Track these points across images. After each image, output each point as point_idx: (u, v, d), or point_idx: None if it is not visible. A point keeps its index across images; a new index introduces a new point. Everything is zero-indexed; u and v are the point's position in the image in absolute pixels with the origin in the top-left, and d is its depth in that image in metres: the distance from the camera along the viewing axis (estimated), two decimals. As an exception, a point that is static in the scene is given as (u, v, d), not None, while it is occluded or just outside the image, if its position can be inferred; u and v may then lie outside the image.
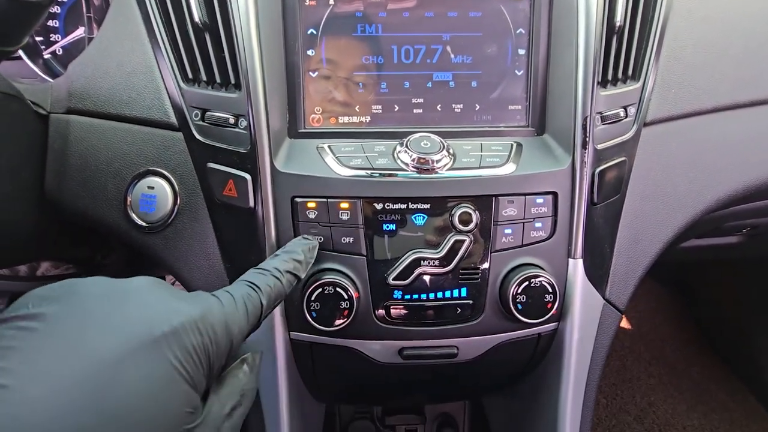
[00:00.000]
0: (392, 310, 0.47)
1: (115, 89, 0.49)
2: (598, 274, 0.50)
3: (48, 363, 0.24)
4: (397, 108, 0.51)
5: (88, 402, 0.24)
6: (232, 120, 0.46)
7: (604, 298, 0.51)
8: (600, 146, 0.48)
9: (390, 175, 0.46)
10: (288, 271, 0.38)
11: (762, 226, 0.79)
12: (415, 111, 0.51)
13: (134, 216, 0.49)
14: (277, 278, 0.37)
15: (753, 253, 1.01)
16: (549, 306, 0.46)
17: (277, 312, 0.47)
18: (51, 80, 0.62)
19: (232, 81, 0.46)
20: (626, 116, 0.50)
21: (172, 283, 1.31)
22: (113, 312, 0.27)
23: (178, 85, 0.48)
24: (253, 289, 0.34)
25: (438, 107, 0.51)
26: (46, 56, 0.64)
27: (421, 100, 0.51)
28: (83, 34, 0.64)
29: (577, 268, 0.48)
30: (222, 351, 0.30)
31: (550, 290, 0.46)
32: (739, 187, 0.56)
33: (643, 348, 1.35)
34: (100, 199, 0.49)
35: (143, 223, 0.49)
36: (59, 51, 0.65)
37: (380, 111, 0.51)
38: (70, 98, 0.50)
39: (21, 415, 0.23)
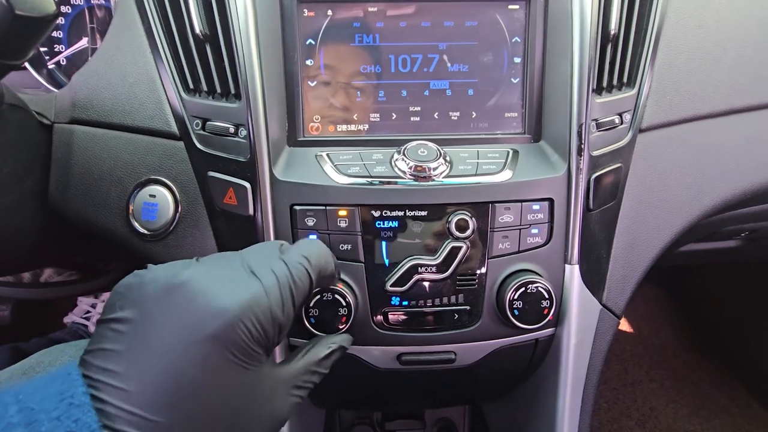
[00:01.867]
0: (390, 316, 0.48)
1: (117, 99, 0.50)
2: (594, 280, 0.51)
3: (136, 362, 0.29)
4: (394, 116, 0.52)
5: (170, 401, 0.28)
6: (232, 129, 0.47)
7: (601, 303, 0.51)
8: (595, 153, 0.49)
9: (387, 182, 0.46)
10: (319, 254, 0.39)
11: (761, 230, 0.79)
12: (412, 119, 0.52)
13: (136, 224, 0.49)
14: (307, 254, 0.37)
15: (753, 257, 1.01)
16: (546, 311, 0.46)
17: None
18: (55, 90, 0.63)
19: (232, 91, 0.47)
20: (621, 123, 0.51)
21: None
22: (171, 316, 0.31)
23: (180, 95, 0.48)
24: (301, 268, 0.35)
25: (435, 115, 0.52)
26: (50, 66, 0.66)
27: (419, 108, 0.51)
28: (86, 45, 0.65)
29: (573, 273, 0.49)
30: (271, 336, 0.33)
31: (547, 296, 0.46)
32: (735, 192, 0.56)
33: (644, 352, 1.34)
34: (103, 208, 0.50)
35: (145, 231, 0.49)
36: (63, 61, 0.66)
37: (378, 119, 0.51)
38: (73, 108, 0.51)
39: (133, 393, 0.28)
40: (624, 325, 1.41)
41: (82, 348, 0.60)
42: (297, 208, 0.46)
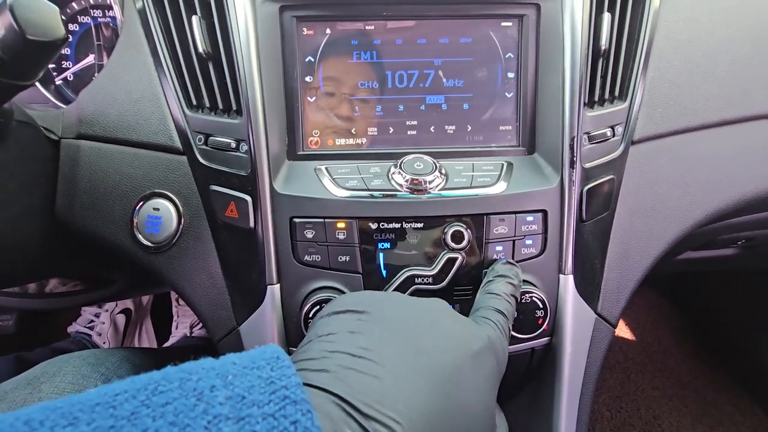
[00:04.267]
0: (388, 326, 0.48)
1: (123, 115, 0.51)
2: (589, 290, 0.51)
3: (395, 350, 0.28)
4: (392, 130, 0.53)
5: (439, 394, 0.27)
6: (233, 144, 0.48)
7: (595, 312, 0.52)
8: (588, 165, 0.50)
9: (385, 195, 0.47)
10: (512, 294, 0.42)
11: (757, 238, 0.79)
12: (409, 133, 0.53)
13: (140, 236, 0.51)
14: (509, 302, 0.41)
15: (749, 265, 1.01)
16: (540, 321, 0.47)
17: (276, 329, 0.49)
18: (62, 105, 0.64)
19: (234, 107, 0.48)
20: (614, 135, 0.52)
21: (176, 299, 1.32)
22: (435, 325, 0.31)
23: (183, 112, 0.50)
24: (503, 315, 0.39)
25: (431, 129, 0.53)
26: (58, 82, 0.67)
27: (415, 123, 0.53)
28: (93, 61, 0.67)
29: (567, 283, 0.49)
30: (501, 371, 0.35)
31: (541, 306, 0.47)
32: (728, 202, 0.57)
33: (647, 360, 1.34)
34: (108, 221, 0.52)
35: (149, 244, 0.51)
36: (70, 77, 0.68)
37: (376, 133, 0.53)
38: (80, 124, 0.52)
39: (384, 378, 0.26)
40: (626, 333, 1.41)
41: (86, 358, 0.61)
42: (296, 220, 0.47)
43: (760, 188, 0.58)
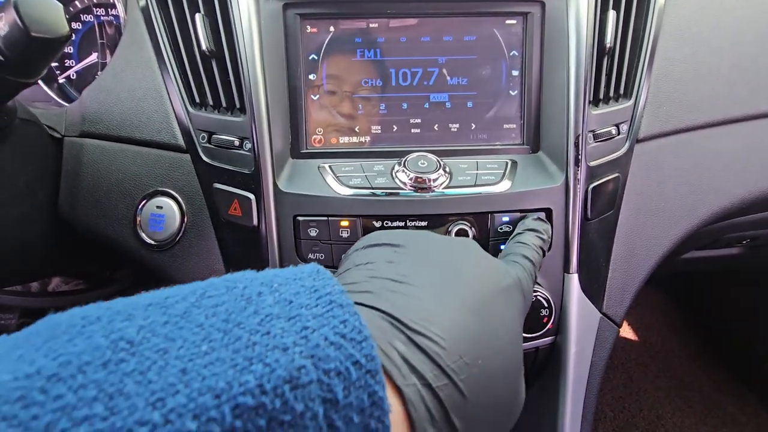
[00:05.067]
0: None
1: (126, 114, 0.51)
2: (594, 288, 0.51)
3: (432, 278, 0.30)
4: (395, 128, 0.53)
5: (476, 317, 0.29)
6: (237, 142, 0.48)
7: (600, 311, 0.52)
8: (593, 163, 0.50)
9: (388, 194, 0.47)
10: (540, 247, 0.43)
11: (762, 237, 0.79)
12: (413, 131, 0.53)
13: (143, 234, 0.51)
14: (537, 252, 0.42)
15: (755, 264, 1.01)
16: (545, 320, 0.47)
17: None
18: (65, 103, 0.64)
19: (237, 105, 0.48)
20: (618, 134, 0.52)
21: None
22: (468, 259, 0.33)
23: (186, 110, 0.50)
24: (530, 262, 0.40)
25: (435, 127, 0.53)
26: (61, 81, 0.67)
27: (419, 121, 0.53)
28: (96, 60, 0.67)
29: (572, 282, 0.49)
30: (526, 310, 0.36)
31: (546, 305, 0.47)
32: (734, 200, 0.57)
33: (650, 360, 1.33)
34: (112, 219, 0.52)
35: (152, 242, 0.51)
36: (73, 76, 0.68)
37: (379, 131, 0.53)
38: (83, 122, 0.52)
39: (425, 300, 0.28)
40: (630, 333, 1.41)
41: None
42: (300, 218, 0.47)
43: (766, 187, 0.57)
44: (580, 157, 0.48)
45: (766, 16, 0.57)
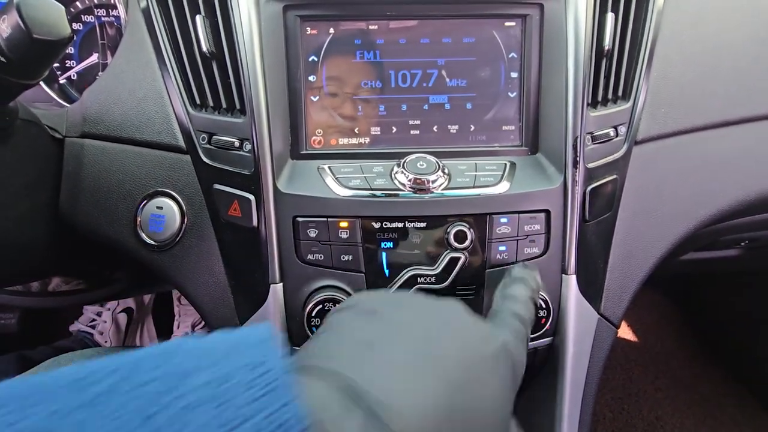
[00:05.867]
0: (391, 326, 0.48)
1: (127, 114, 0.51)
2: (592, 290, 0.51)
3: (402, 354, 0.27)
4: (395, 130, 0.53)
5: (451, 390, 0.26)
6: (237, 143, 0.48)
7: (598, 313, 0.52)
8: (591, 165, 0.50)
9: (387, 195, 0.47)
10: (530, 298, 0.40)
11: (760, 239, 0.79)
12: (412, 132, 0.53)
13: (144, 235, 0.51)
14: (527, 306, 0.39)
15: (753, 266, 1.01)
16: (543, 321, 0.47)
17: (279, 328, 0.49)
18: (66, 104, 0.65)
19: (238, 106, 0.49)
20: (617, 135, 0.52)
21: (178, 298, 1.32)
22: (446, 329, 0.30)
23: (187, 111, 0.50)
24: (521, 321, 0.37)
25: (434, 128, 0.53)
26: (62, 81, 0.68)
27: (418, 122, 0.53)
28: (97, 60, 0.67)
29: (570, 283, 0.49)
30: (517, 379, 0.33)
31: (544, 306, 0.47)
32: (732, 202, 0.57)
33: (649, 361, 1.34)
34: (112, 219, 0.52)
35: (152, 242, 0.51)
36: (74, 76, 0.68)
37: (379, 132, 0.53)
38: (84, 123, 0.52)
39: (395, 369, 0.26)
40: (628, 334, 1.41)
41: (90, 357, 0.61)
42: (299, 219, 0.47)
43: (764, 189, 0.57)
44: (578, 158, 0.48)
45: (764, 18, 0.58)
